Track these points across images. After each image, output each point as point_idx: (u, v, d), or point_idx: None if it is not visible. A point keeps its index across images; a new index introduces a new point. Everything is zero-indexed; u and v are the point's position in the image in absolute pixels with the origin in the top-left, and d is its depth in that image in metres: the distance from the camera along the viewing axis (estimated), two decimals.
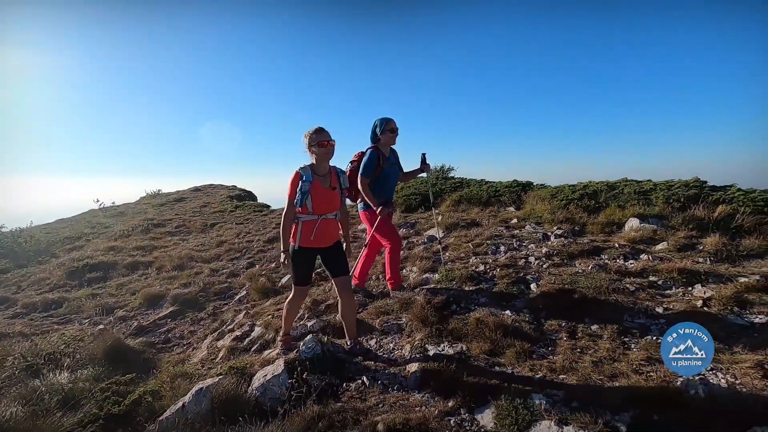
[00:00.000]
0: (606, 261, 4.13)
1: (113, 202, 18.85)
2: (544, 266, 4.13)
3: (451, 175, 9.61)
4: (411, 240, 5.91)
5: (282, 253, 2.96)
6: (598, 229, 5.08)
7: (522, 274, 3.99)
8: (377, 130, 3.76)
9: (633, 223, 4.94)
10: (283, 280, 5.52)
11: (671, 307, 3.14)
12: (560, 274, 3.85)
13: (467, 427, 2.26)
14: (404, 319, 3.55)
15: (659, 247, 4.36)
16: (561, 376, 2.53)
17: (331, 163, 3.05)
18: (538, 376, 2.57)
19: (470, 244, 5.09)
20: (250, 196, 20.02)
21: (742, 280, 3.36)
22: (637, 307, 3.22)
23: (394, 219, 7.02)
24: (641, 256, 4.13)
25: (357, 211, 4.05)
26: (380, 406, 2.49)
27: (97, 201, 17.93)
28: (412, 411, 2.39)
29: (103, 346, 3.98)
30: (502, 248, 4.82)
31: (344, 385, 2.77)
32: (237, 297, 5.46)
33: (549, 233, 5.10)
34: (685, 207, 5.00)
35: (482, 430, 2.23)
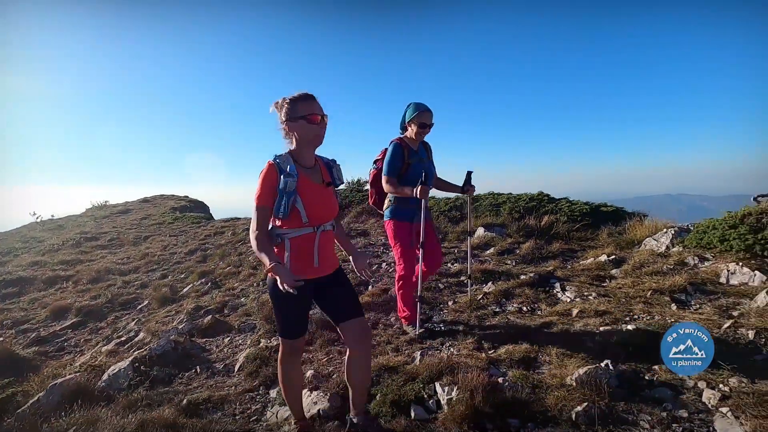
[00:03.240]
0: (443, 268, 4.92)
1: (52, 215, 18.25)
2: (390, 270, 4.87)
3: (367, 188, 10.33)
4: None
5: (270, 266, 1.70)
6: (455, 237, 5.91)
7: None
8: (406, 115, 3.13)
9: (480, 231, 5.80)
10: (186, 290, 5.98)
11: (458, 300, 3.92)
12: (391, 276, 4.58)
13: (258, 400, 2.88)
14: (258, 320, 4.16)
15: (488, 251, 5.21)
16: (344, 357, 3.21)
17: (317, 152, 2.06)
18: (334, 358, 3.24)
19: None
20: (199, 206, 19.97)
21: (522, 277, 4.21)
22: (437, 301, 3.99)
23: None
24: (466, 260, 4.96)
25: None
26: (198, 388, 3.08)
27: (34, 214, 17.32)
28: (219, 390, 2.99)
29: None
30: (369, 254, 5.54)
31: (180, 374, 3.33)
32: (139, 307, 5.85)
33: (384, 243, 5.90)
34: (523, 217, 5.92)
35: (267, 400, 2.86)
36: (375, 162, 3.31)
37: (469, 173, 3.28)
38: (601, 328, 3.02)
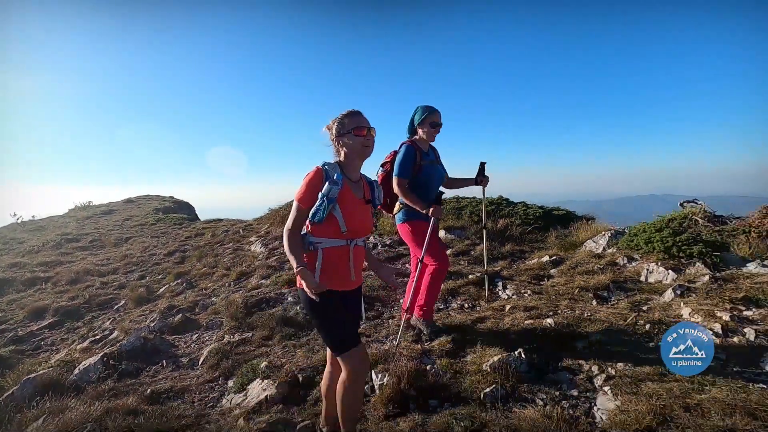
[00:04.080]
0: (399, 265, 5.25)
1: (33, 216, 18.10)
2: None
3: None
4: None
5: (297, 269, 1.78)
6: None
7: None
8: (415, 119, 3.14)
9: (441, 233, 6.15)
10: (162, 290, 6.20)
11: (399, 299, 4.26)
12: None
13: (217, 389, 3.17)
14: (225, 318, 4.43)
15: (447, 252, 5.55)
16: (298, 352, 3.51)
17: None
18: (289, 351, 3.54)
19: None
20: (184, 207, 20.00)
21: (470, 276, 4.57)
22: (390, 299, 4.32)
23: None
24: None
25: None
26: (163, 379, 3.35)
27: (14, 215, 17.17)
28: (182, 381, 3.27)
29: None
30: None
31: (147, 368, 3.59)
32: (116, 307, 6.06)
33: (378, 242, 6.20)
34: (482, 220, 6.28)
35: (225, 389, 3.15)
36: (383, 165, 3.25)
37: (482, 164, 3.24)
38: (526, 322, 3.38)
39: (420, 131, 3.13)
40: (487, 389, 2.55)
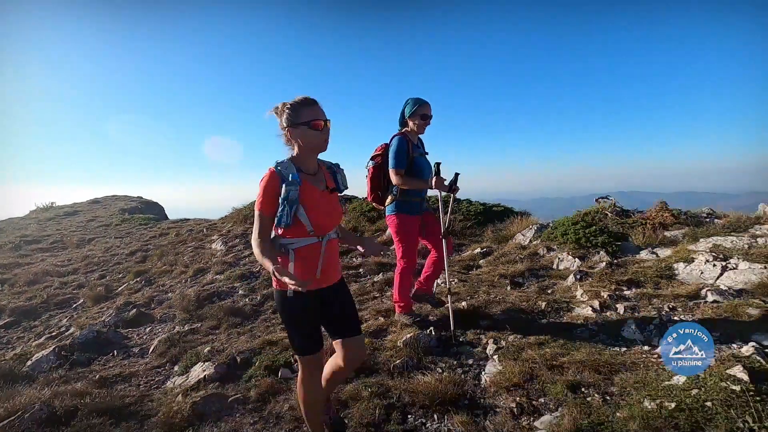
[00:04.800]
0: (345, 260, 5.61)
1: None
2: None
3: None
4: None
5: (273, 269, 1.63)
6: (370, 234, 6.62)
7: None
8: (406, 111, 3.17)
9: (389, 231, 6.55)
10: (121, 288, 6.33)
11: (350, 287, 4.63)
12: None
13: (162, 373, 3.44)
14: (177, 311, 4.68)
15: (392, 248, 5.96)
16: (241, 338, 3.82)
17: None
18: (233, 337, 3.85)
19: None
20: (152, 207, 19.68)
21: None
22: None
23: None
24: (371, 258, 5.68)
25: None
26: (113, 367, 3.59)
27: None
28: (131, 368, 3.52)
29: None
30: None
31: (99, 357, 3.82)
32: (74, 306, 6.15)
33: None
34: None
35: (170, 373, 3.42)
36: (373, 158, 3.27)
37: (456, 174, 3.29)
38: (445, 306, 3.81)
39: (411, 123, 3.17)
40: (398, 361, 2.95)
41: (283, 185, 1.76)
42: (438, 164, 3.11)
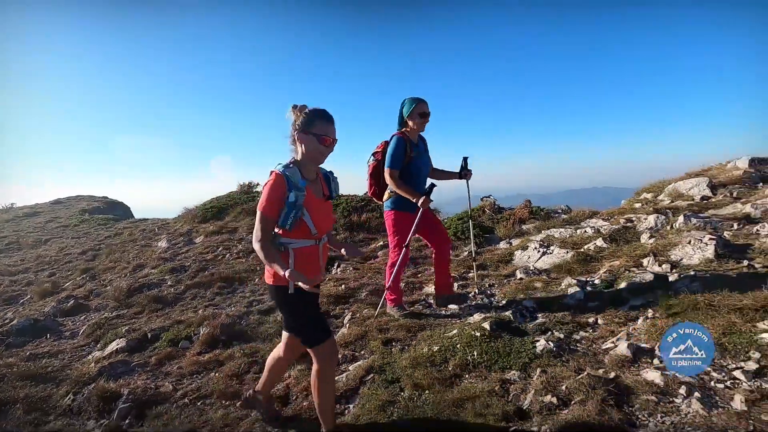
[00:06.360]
0: None
1: None
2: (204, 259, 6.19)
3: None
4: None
5: (288, 274, 1.71)
6: None
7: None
8: (404, 111, 3.19)
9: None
10: (67, 284, 6.80)
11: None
12: (202, 260, 5.92)
13: (87, 350, 4.06)
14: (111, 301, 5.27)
15: None
16: (158, 320, 4.48)
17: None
18: (151, 320, 4.50)
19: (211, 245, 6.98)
20: (116, 207, 19.65)
21: None
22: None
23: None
24: None
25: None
26: (44, 347, 4.19)
27: None
28: (60, 347, 4.13)
29: None
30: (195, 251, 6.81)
31: (33, 340, 4.40)
32: (21, 301, 6.60)
33: (245, 234, 7.25)
34: (350, 214, 7.50)
35: (94, 350, 4.05)
36: (374, 154, 3.35)
37: (465, 159, 3.24)
38: (330, 288, 4.58)
39: (410, 123, 3.19)
40: (273, 330, 3.70)
41: (291, 191, 1.84)
42: (432, 185, 3.22)
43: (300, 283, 1.66)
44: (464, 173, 3.31)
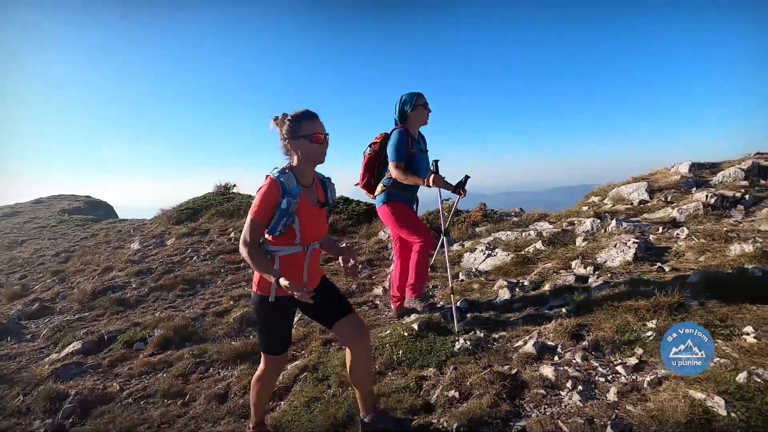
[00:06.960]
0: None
1: None
2: (173, 259, 6.31)
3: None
4: None
5: (285, 285, 1.68)
6: None
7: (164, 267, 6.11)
8: (406, 107, 3.13)
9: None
10: (36, 287, 6.85)
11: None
12: (169, 262, 6.04)
13: (45, 353, 4.17)
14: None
15: None
16: (117, 322, 4.60)
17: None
18: (111, 322, 4.62)
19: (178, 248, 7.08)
20: (98, 207, 19.50)
21: None
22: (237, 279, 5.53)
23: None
24: None
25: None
26: (3, 349, 4.29)
27: None
28: (19, 350, 4.23)
29: None
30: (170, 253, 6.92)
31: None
32: None
33: (215, 237, 7.37)
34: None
35: (52, 352, 4.16)
36: (371, 145, 3.27)
37: (466, 177, 3.21)
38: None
39: (414, 116, 3.14)
40: (223, 332, 3.87)
41: (285, 197, 1.80)
42: (436, 162, 3.11)
43: (294, 293, 1.65)
44: (459, 190, 3.14)
